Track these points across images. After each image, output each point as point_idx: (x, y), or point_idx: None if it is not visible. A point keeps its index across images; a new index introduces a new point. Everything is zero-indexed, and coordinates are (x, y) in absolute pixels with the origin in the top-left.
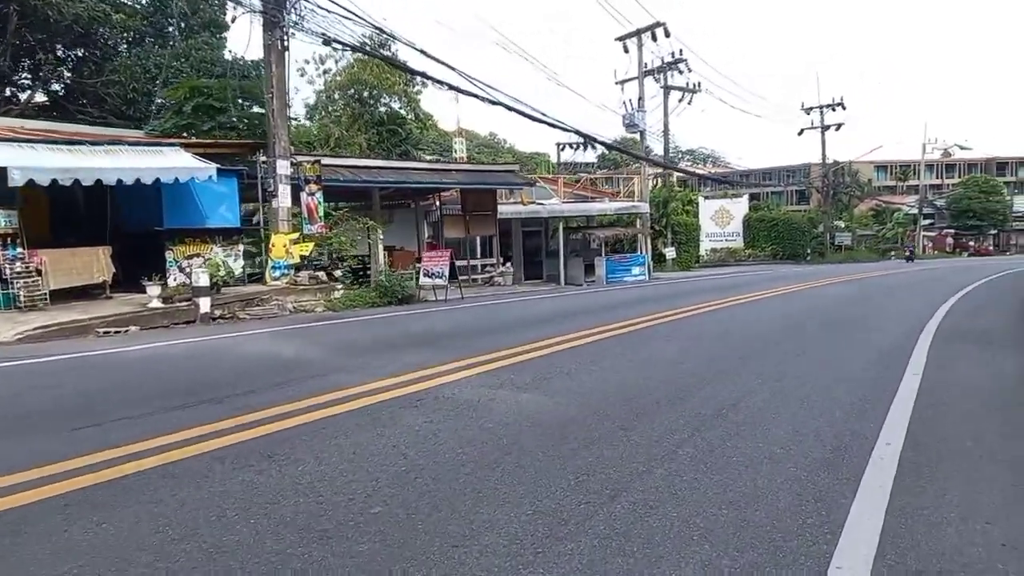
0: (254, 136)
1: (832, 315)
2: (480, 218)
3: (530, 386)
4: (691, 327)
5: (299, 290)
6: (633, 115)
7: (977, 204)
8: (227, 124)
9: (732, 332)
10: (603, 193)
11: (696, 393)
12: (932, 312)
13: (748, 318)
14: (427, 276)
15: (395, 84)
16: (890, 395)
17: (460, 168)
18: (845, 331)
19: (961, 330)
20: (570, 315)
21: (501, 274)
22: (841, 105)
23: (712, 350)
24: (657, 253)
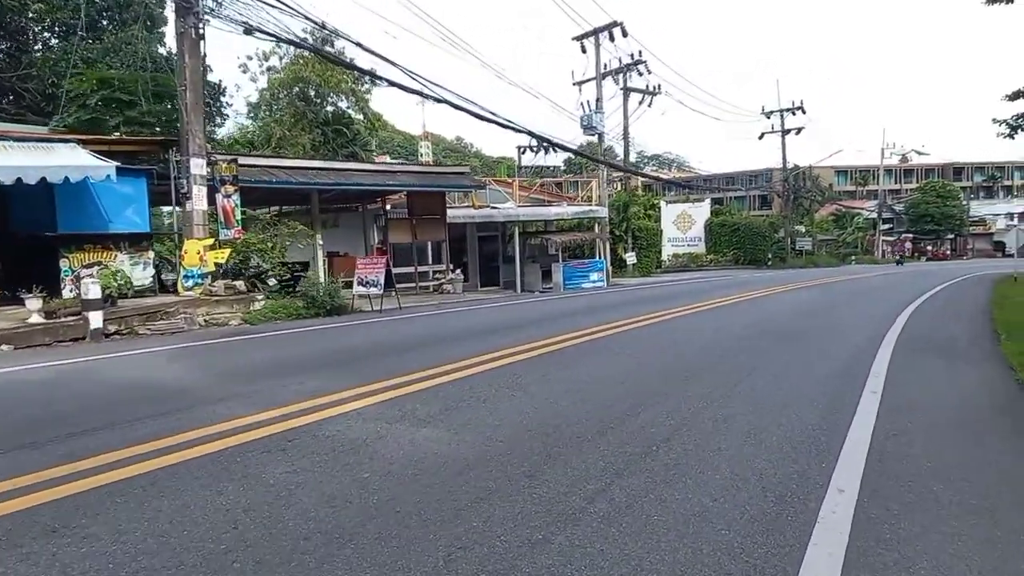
0: (172, 133)
1: (789, 324)
2: (429, 222)
3: (435, 418)
4: (639, 339)
5: (212, 301)
6: (591, 117)
7: (935, 209)
8: (138, 119)
9: (682, 345)
10: (562, 197)
11: (628, 422)
12: (892, 320)
13: (701, 328)
14: (361, 285)
15: (340, 82)
16: (846, 420)
17: (406, 170)
18: (801, 343)
19: (922, 340)
20: (512, 327)
21: (451, 281)
22: (801, 109)
23: (657, 366)
24: (618, 258)
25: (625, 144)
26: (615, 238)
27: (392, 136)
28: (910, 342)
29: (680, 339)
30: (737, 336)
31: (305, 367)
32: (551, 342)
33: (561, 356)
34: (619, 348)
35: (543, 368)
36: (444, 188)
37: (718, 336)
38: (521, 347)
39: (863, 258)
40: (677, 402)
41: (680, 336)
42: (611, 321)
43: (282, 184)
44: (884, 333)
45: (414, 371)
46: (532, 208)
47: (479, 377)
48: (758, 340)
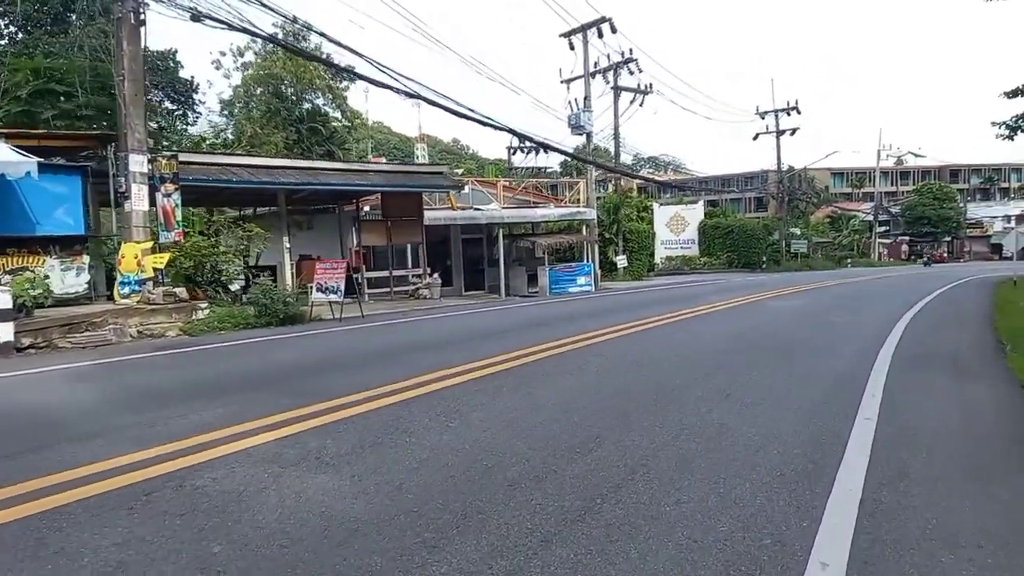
0: (115, 128)
1: (777, 335)
2: (404, 224)
3: (341, 460)
4: (608, 354)
5: (147, 311)
6: (579, 115)
7: (931, 211)
8: (75, 112)
9: (653, 361)
10: (550, 199)
11: (575, 463)
12: (889, 329)
13: (679, 340)
14: (320, 291)
15: (313, 78)
16: (834, 460)
17: (379, 169)
18: (787, 358)
19: (922, 353)
20: (476, 338)
21: (428, 286)
22: (796, 109)
23: (622, 388)
24: (608, 261)
25: (616, 144)
26: (605, 241)
27: (388, 138)
28: (909, 355)
29: (653, 354)
30: (717, 350)
31: (220, 389)
32: (511, 357)
33: (517, 375)
34: (584, 364)
35: (493, 390)
36: (418, 188)
37: (696, 350)
38: (477, 363)
39: (859, 261)
40: (637, 436)
41: (654, 350)
42: (585, 331)
43: (243, 184)
44: (880, 345)
45: (343, 395)
46: (517, 209)
47: (417, 402)
48: (740, 355)
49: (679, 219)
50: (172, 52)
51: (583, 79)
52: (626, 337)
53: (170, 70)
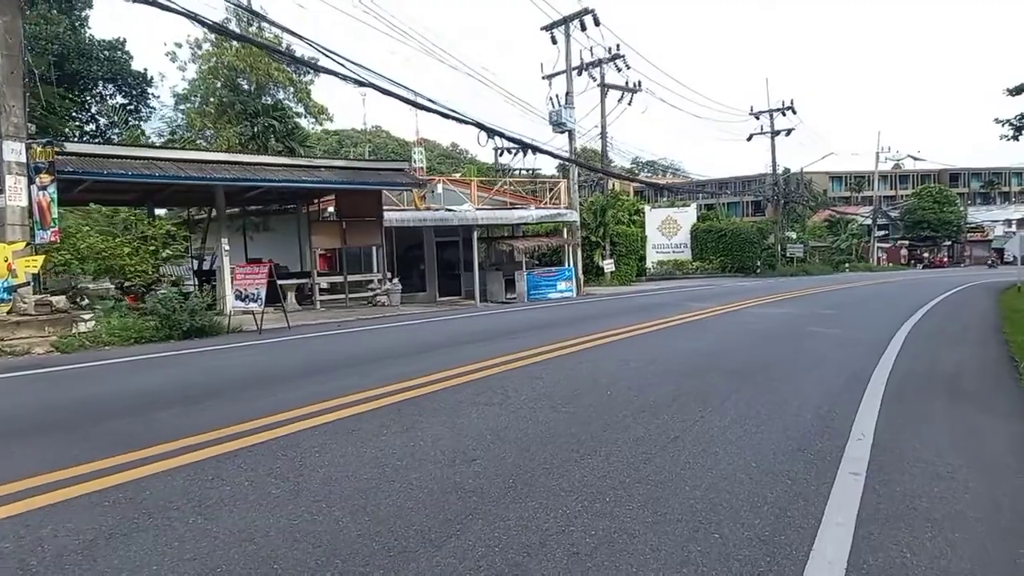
0: None
1: (752, 352)
2: (361, 225)
3: (114, 534)
4: (552, 375)
5: (12, 323)
6: (560, 112)
7: (931, 215)
8: None
9: (599, 386)
10: (531, 200)
11: (445, 546)
12: (884, 343)
13: (637, 359)
14: (239, 299)
15: (270, 69)
16: (801, 549)
17: (331, 164)
18: (760, 384)
19: (921, 373)
20: (408, 354)
21: (387, 292)
22: (791, 109)
23: (543, 428)
24: (595, 266)
25: (603, 144)
26: (591, 244)
27: (387, 143)
28: (907, 378)
29: (599, 377)
30: (678, 372)
31: (34, 429)
32: (428, 381)
33: (417, 407)
34: (510, 392)
35: (371, 432)
36: (374, 186)
37: (652, 372)
38: (377, 390)
39: (857, 265)
40: (542, 501)
41: (602, 371)
42: (543, 344)
43: (168, 180)
44: (873, 365)
45: (170, 440)
46: (493, 211)
47: (256, 450)
48: (703, 379)
49: (671, 222)
50: (120, 41)
51: (565, 75)
52: (576, 354)
53: (119, 61)
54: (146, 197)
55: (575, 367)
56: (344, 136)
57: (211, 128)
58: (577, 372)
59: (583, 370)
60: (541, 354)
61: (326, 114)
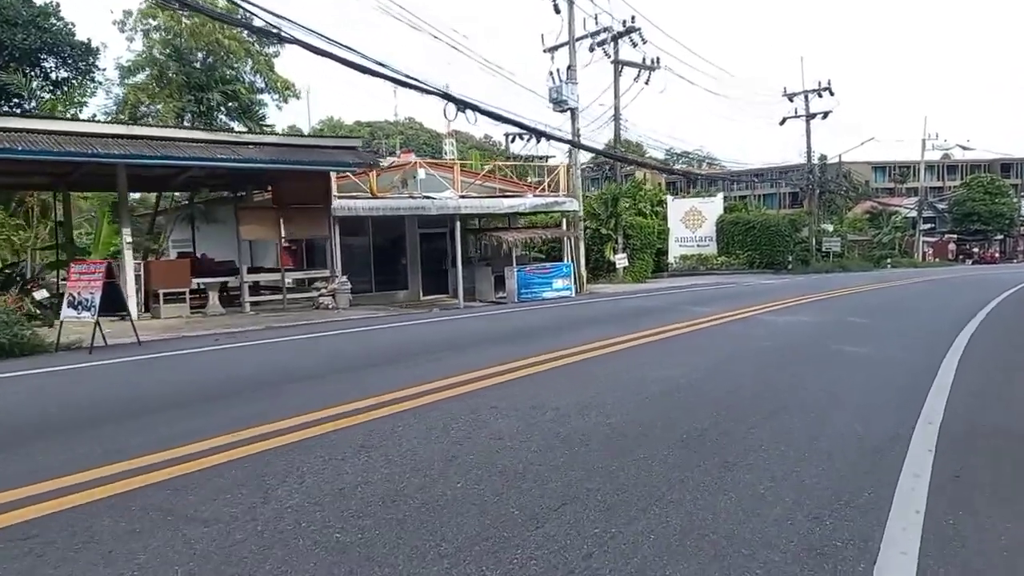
0: None
1: (740, 392)
2: (304, 213)
3: None
4: (400, 448)
5: None
6: (560, 88)
7: (982, 207)
8: None
9: (525, 441)
10: (525, 187)
11: None
12: (931, 372)
13: (578, 401)
14: (72, 307)
15: (213, 34)
16: None
17: (262, 141)
18: (723, 465)
19: (984, 428)
20: (309, 378)
21: (333, 293)
22: (828, 90)
23: (452, 507)
24: (606, 261)
25: (616, 126)
26: (602, 237)
27: (419, 134)
28: (968, 443)
29: (542, 423)
30: (603, 439)
31: None
32: (202, 451)
33: (292, 453)
34: (285, 485)
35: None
36: (319, 167)
37: (567, 438)
38: (219, 441)
39: (900, 261)
40: None
41: (486, 437)
42: (452, 374)
43: (32, 155)
44: (914, 415)
45: None
46: (479, 199)
47: None
48: (633, 455)
49: (695, 214)
50: (54, 6)
51: (568, 46)
52: (482, 392)
53: (56, 30)
54: (59, 180)
55: (445, 426)
56: (376, 127)
57: (147, 103)
58: (436, 440)
59: (454, 432)
60: (430, 394)
61: (292, 90)
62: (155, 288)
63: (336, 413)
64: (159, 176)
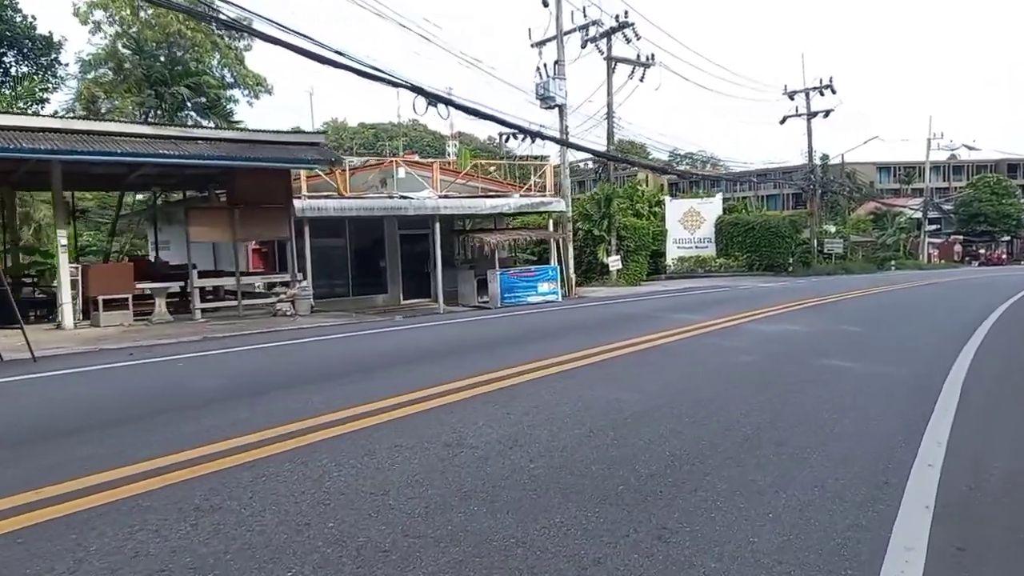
0: None
1: (707, 421)
2: (262, 213)
3: None
4: (346, 479)
5: None
6: (547, 84)
7: (988, 207)
8: None
9: (420, 486)
10: (508, 187)
11: None
12: (933, 390)
13: (503, 434)
14: None
15: (177, 26)
16: None
17: (214, 137)
18: (719, 484)
19: (994, 472)
20: (190, 408)
21: (293, 298)
22: (830, 88)
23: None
24: (599, 263)
25: (609, 124)
26: (594, 239)
27: (422, 135)
28: (974, 498)
29: (393, 498)
30: (547, 483)
31: None
32: (101, 483)
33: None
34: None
35: None
36: (276, 164)
37: (442, 503)
38: None
39: (905, 263)
40: None
41: (462, 456)
42: (415, 390)
43: None
44: (911, 453)
45: None
46: (460, 199)
47: None
48: (527, 529)
49: (694, 214)
50: None
51: (556, 40)
52: (389, 426)
53: (15, 23)
54: (1, 179)
55: (322, 475)
56: (380, 129)
57: (104, 98)
58: (300, 496)
59: (329, 484)
60: (326, 429)
61: (264, 86)
62: (94, 294)
63: (185, 460)
64: (108, 175)
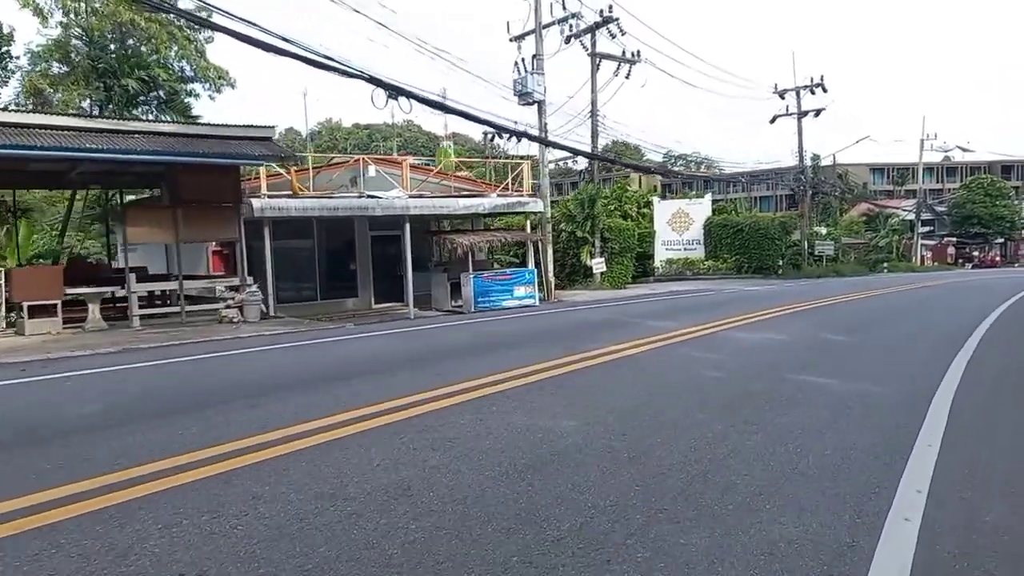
0: None
1: (680, 439)
2: (208, 212)
3: None
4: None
5: None
6: (526, 79)
7: (982, 209)
8: None
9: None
10: (482, 186)
11: None
12: (918, 414)
13: (468, 458)
14: None
15: (121, 14)
16: None
17: (152, 130)
18: (642, 551)
19: (983, 530)
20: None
21: (241, 304)
22: (821, 87)
23: None
24: (583, 266)
25: (593, 122)
26: (577, 241)
27: (417, 136)
28: (958, 569)
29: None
30: (420, 554)
31: None
32: None
33: None
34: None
35: None
36: (220, 160)
37: (368, 559)
38: None
39: (898, 265)
40: None
41: (225, 564)
42: (314, 419)
43: None
44: (883, 513)
45: None
46: (431, 199)
47: None
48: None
49: (682, 216)
50: None
51: (535, 34)
52: (288, 458)
53: None
54: None
55: (128, 549)
56: (375, 130)
57: (50, 92)
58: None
59: (128, 565)
60: (180, 474)
61: (226, 79)
62: (19, 300)
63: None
64: (47, 172)
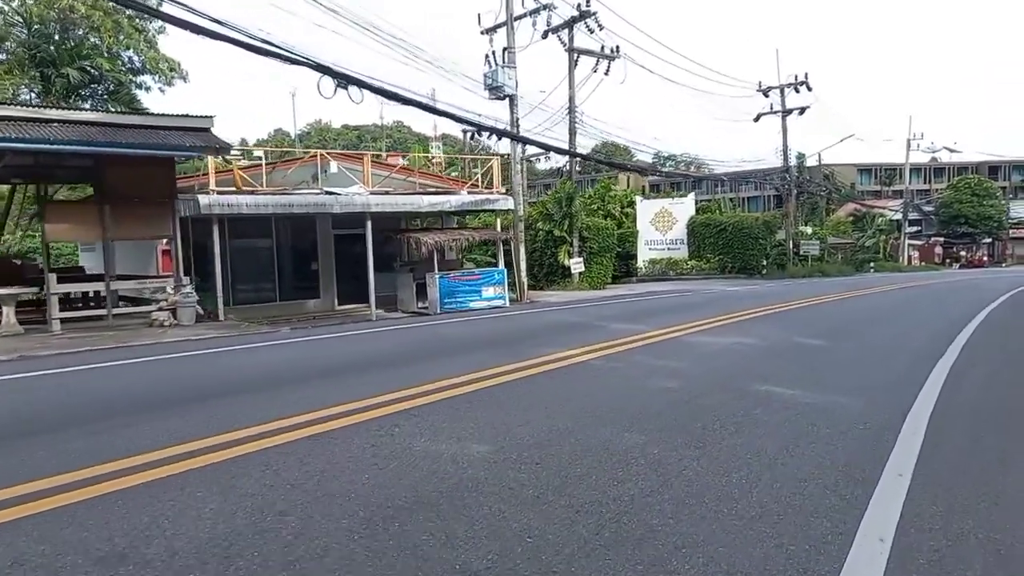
0: None
1: (613, 468)
2: (140, 209)
3: None
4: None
5: None
6: (496, 72)
7: (969, 209)
8: None
9: None
10: (452, 183)
11: None
12: (891, 433)
13: (348, 498)
14: None
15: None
16: None
17: (73, 119)
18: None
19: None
20: None
21: (175, 306)
22: (806, 85)
23: None
24: (560, 266)
25: (571, 120)
26: (555, 240)
27: (407, 137)
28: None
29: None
30: None
31: None
32: None
33: None
34: None
35: None
36: (133, 151)
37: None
38: None
39: (884, 265)
40: None
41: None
42: (182, 442)
43: None
44: (848, 539)
45: None
46: (395, 196)
47: None
48: None
49: (665, 215)
50: None
51: (506, 26)
52: (131, 492)
53: None
54: None
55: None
56: (364, 131)
57: None
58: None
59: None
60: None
61: (178, 71)
62: None
63: None
64: None
